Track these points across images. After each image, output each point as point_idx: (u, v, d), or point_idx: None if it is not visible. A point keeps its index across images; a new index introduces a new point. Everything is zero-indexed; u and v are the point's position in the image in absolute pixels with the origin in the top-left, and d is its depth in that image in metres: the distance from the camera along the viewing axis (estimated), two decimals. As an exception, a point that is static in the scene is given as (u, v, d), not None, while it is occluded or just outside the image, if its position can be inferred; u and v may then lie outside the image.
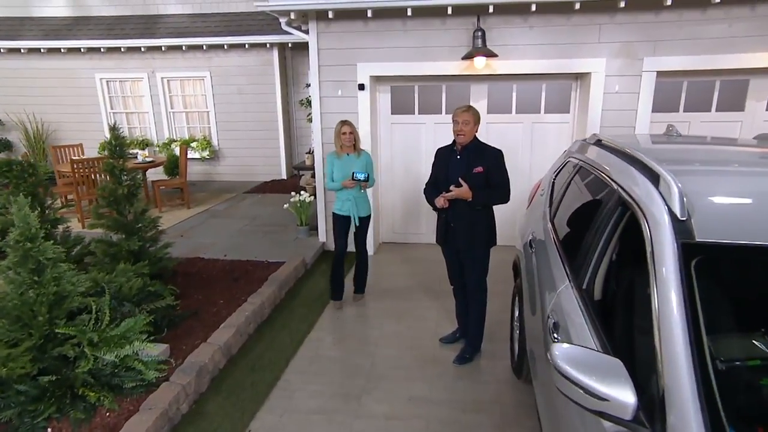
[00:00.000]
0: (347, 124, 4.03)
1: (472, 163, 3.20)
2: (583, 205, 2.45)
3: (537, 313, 2.40)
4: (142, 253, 4.20)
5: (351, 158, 4.10)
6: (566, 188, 2.75)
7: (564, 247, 2.36)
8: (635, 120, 4.97)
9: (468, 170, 3.20)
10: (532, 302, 2.57)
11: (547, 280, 2.34)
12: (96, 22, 9.44)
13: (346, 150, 4.08)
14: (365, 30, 5.21)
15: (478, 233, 3.29)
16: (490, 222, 3.34)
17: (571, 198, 2.65)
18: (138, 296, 3.74)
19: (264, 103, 9.41)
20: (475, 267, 3.36)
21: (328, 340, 3.85)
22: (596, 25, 4.80)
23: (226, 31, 8.92)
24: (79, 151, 8.05)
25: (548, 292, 2.25)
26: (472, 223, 3.27)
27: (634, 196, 1.80)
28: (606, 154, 2.33)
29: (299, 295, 4.66)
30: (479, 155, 3.23)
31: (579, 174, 2.66)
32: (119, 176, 4.08)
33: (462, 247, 3.35)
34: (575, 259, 2.16)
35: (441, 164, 3.46)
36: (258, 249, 5.62)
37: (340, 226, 4.19)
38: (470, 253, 3.34)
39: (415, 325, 4.07)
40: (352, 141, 4.04)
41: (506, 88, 5.57)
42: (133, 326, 3.22)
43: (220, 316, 3.98)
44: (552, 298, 2.15)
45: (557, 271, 2.24)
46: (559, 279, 2.18)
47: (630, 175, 1.92)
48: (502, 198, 3.21)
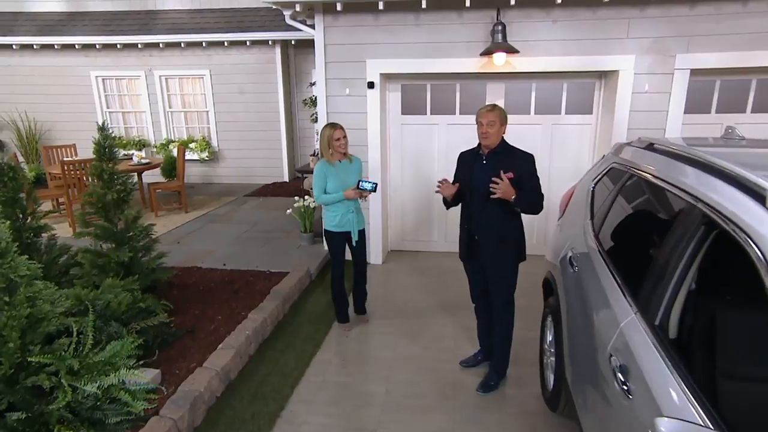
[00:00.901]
0: (339, 128, 3.59)
1: (501, 169, 2.83)
2: (643, 222, 2.10)
3: (588, 346, 2.05)
4: (133, 265, 3.85)
5: (345, 165, 3.69)
6: (614, 199, 2.40)
7: (620, 270, 2.01)
8: (666, 122, 4.62)
9: (495, 175, 2.81)
10: (579, 331, 2.21)
11: (601, 308, 1.99)
12: (91, 18, 9.09)
13: (338, 157, 3.67)
14: (375, 24, 4.86)
15: (507, 247, 2.94)
16: (519, 234, 3.00)
17: (622, 211, 2.30)
18: (127, 314, 3.39)
19: (266, 103, 9.07)
20: (502, 284, 3.01)
21: (336, 363, 3.50)
22: (625, 19, 4.46)
23: (227, 27, 8.58)
24: (72, 152, 7.71)
25: (605, 324, 1.89)
26: (501, 236, 2.93)
27: (728, 214, 1.45)
28: (670, 161, 1.97)
29: (304, 310, 4.31)
30: (508, 159, 2.87)
31: (631, 183, 2.31)
32: (108, 180, 3.73)
33: (488, 262, 3.00)
34: (639, 286, 1.81)
35: (464, 170, 3.11)
36: (259, 257, 5.27)
37: (338, 243, 3.78)
38: (497, 270, 2.99)
39: (431, 345, 3.71)
40: (346, 146, 3.63)
41: (525, 87, 5.23)
42: (119, 350, 2.86)
43: (218, 335, 3.63)
44: (612, 332, 1.80)
45: (615, 300, 1.89)
46: (620, 310, 1.83)
47: (717, 188, 1.57)
48: (539, 205, 2.83)
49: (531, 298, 4.31)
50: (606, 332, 1.85)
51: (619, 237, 2.19)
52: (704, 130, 4.88)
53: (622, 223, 2.25)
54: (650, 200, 2.07)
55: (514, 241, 2.96)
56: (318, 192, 3.66)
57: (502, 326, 3.09)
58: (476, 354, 3.43)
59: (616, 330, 1.78)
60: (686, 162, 1.87)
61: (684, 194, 1.74)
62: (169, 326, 3.61)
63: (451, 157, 5.51)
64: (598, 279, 2.11)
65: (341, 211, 3.67)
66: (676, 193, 1.80)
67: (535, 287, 3.52)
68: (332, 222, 3.71)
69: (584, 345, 2.14)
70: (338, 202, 3.63)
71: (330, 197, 3.63)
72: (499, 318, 3.08)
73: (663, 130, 4.63)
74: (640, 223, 2.12)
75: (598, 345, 1.91)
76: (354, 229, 3.70)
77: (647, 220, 2.07)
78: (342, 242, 3.78)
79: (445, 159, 5.51)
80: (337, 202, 3.64)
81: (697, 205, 1.63)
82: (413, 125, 5.50)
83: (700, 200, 1.62)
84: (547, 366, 2.96)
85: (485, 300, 3.19)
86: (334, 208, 3.68)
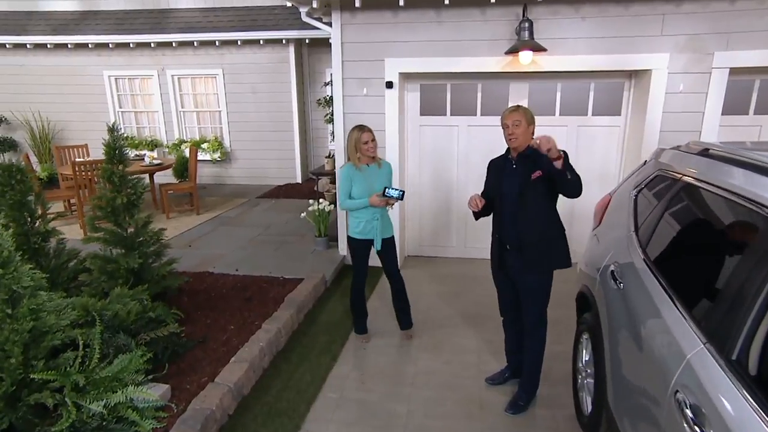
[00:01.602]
0: (367, 131, 3.39)
1: (531, 171, 2.65)
2: (706, 238, 1.88)
3: (641, 374, 1.84)
4: (143, 271, 3.71)
5: (373, 170, 3.49)
6: (664, 210, 2.18)
7: (679, 292, 1.79)
8: (701, 124, 4.37)
9: (526, 180, 2.65)
10: (627, 355, 2.01)
11: (658, 334, 1.78)
12: (104, 17, 9.02)
13: (366, 161, 3.48)
14: (395, 21, 4.67)
15: (541, 256, 2.71)
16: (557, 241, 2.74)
17: (677, 225, 2.08)
18: (136, 323, 3.24)
19: (279, 103, 8.93)
20: (535, 297, 2.79)
21: (354, 378, 3.31)
22: (659, 15, 4.22)
23: (240, 26, 8.45)
24: (84, 152, 7.63)
25: (666, 353, 1.68)
26: (534, 244, 2.70)
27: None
28: (742, 171, 1.75)
29: (319, 320, 4.13)
30: (537, 160, 2.61)
31: (685, 193, 2.09)
32: (118, 183, 3.59)
33: (518, 272, 2.79)
34: (708, 313, 1.60)
35: (494, 177, 2.91)
36: (272, 262, 5.10)
37: (361, 252, 3.58)
38: (528, 281, 2.78)
39: (454, 359, 3.51)
40: (375, 150, 3.43)
41: (549, 87, 5.00)
42: (128, 365, 2.71)
43: (230, 346, 3.47)
44: (677, 364, 1.59)
45: (677, 327, 1.68)
46: (684, 339, 1.62)
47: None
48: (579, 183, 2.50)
49: (558, 310, 4.09)
50: (668, 363, 1.64)
51: (676, 253, 1.98)
52: (741, 133, 4.63)
53: (677, 238, 2.03)
54: (714, 214, 1.86)
55: (550, 249, 2.74)
56: (343, 196, 3.49)
57: (533, 342, 2.88)
58: (503, 371, 3.23)
59: (681, 362, 1.57)
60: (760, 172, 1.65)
61: (762, 209, 1.52)
62: (179, 336, 3.46)
63: (472, 159, 5.36)
64: (652, 300, 1.90)
65: (366, 218, 3.47)
66: (747, 206, 1.58)
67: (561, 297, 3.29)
68: (356, 228, 3.53)
69: (636, 371, 1.93)
70: (363, 208, 3.44)
71: (354, 203, 3.45)
72: (530, 334, 2.87)
73: (698, 132, 4.38)
74: (702, 240, 1.90)
75: (657, 375, 1.70)
76: (378, 237, 3.50)
77: (713, 236, 1.85)
78: (365, 250, 3.58)
79: (465, 161, 5.31)
80: (362, 209, 3.45)
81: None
82: (432, 126, 5.30)
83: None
84: (583, 387, 2.75)
85: (515, 314, 2.98)
86: (359, 214, 3.49)
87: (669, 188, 2.24)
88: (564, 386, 3.13)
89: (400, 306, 3.79)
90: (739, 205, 1.66)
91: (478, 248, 5.43)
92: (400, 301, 3.77)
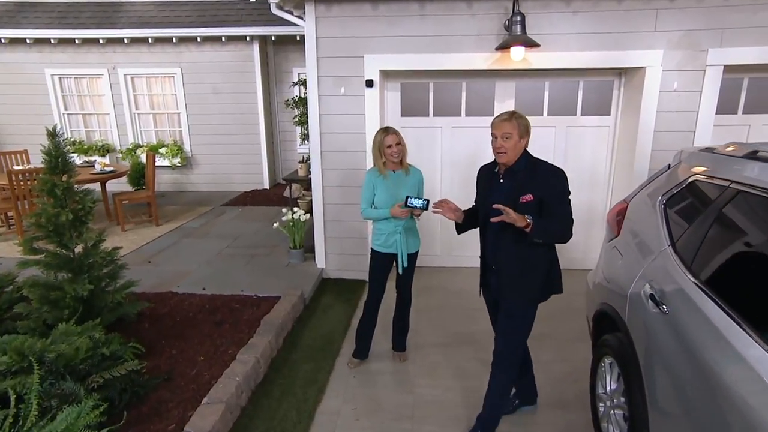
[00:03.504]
0: (392, 133, 3.03)
1: (519, 190, 2.32)
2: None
3: (713, 415, 1.55)
4: (94, 298, 3.19)
5: (399, 177, 3.12)
6: (712, 223, 1.91)
7: (757, 324, 1.51)
8: (695, 123, 4.23)
9: (513, 199, 2.30)
10: (688, 391, 1.71)
11: (735, 372, 1.49)
12: (44, 9, 8.21)
13: (392, 167, 3.13)
14: (374, 14, 4.31)
15: (526, 284, 2.39)
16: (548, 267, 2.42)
17: (738, 240, 1.81)
18: (86, 362, 2.73)
19: (243, 104, 8.39)
20: (511, 326, 2.45)
21: (346, 413, 2.91)
22: (653, 10, 4.04)
23: (200, 21, 7.86)
24: (23, 159, 6.86)
25: (755, 398, 1.39)
26: (520, 270, 2.39)
27: None
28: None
29: (301, 344, 3.71)
30: (530, 178, 2.33)
31: (741, 203, 1.82)
32: (62, 197, 3.05)
33: (499, 297, 2.48)
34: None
35: (481, 190, 2.60)
36: (244, 279, 4.63)
37: (381, 266, 3.22)
38: (508, 309, 2.45)
39: (455, 385, 3.17)
40: (399, 155, 3.06)
41: (537, 86, 4.77)
42: (75, 421, 2.21)
43: (201, 382, 3.00)
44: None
45: (763, 366, 1.39)
46: None
47: None
48: (565, 234, 2.29)
49: (554, 323, 3.86)
50: (755, 405, 1.35)
51: (740, 274, 1.70)
52: (731, 132, 4.53)
53: (740, 255, 1.75)
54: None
55: (542, 277, 2.40)
56: (364, 204, 3.16)
57: (496, 376, 2.52)
58: (511, 398, 2.91)
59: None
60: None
61: None
62: (140, 374, 2.96)
63: (457, 162, 5.05)
64: (721, 334, 1.60)
65: (387, 230, 3.12)
66: None
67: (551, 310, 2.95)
68: (377, 241, 3.18)
69: (702, 411, 1.64)
70: (384, 219, 3.10)
71: (375, 213, 3.12)
72: (497, 363, 2.51)
73: (692, 132, 4.24)
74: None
75: (740, 420, 1.41)
76: (402, 252, 3.13)
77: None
78: (386, 265, 3.22)
79: (450, 164, 5.01)
80: (383, 219, 3.11)
81: None
82: (414, 128, 4.95)
83: None
84: (608, 418, 2.46)
85: None
86: (380, 225, 3.15)
87: (714, 197, 1.97)
88: (581, 413, 2.84)
89: (400, 326, 3.45)
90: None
91: (465, 257, 5.14)
92: (401, 320, 3.43)
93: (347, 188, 4.68)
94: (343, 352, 3.58)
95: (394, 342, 3.52)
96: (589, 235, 5.01)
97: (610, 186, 4.89)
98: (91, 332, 2.71)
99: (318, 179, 4.71)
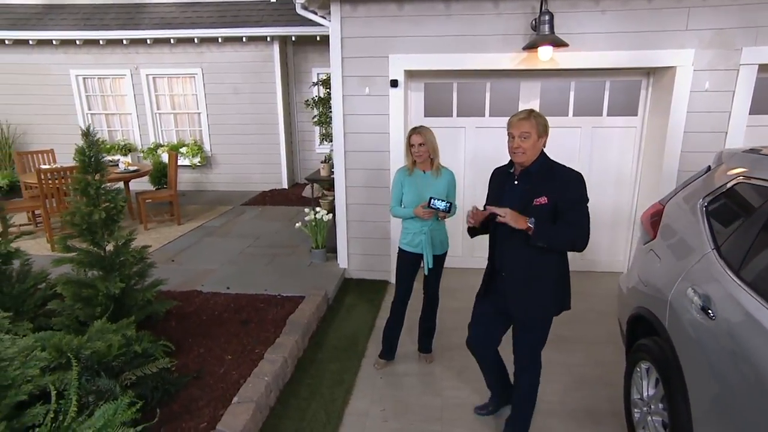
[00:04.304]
0: (417, 133, 3.02)
1: (534, 192, 2.23)
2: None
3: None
4: (125, 296, 3.22)
5: (427, 177, 3.11)
6: (761, 228, 1.86)
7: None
8: (727, 124, 4.14)
9: (526, 201, 2.23)
10: (743, 402, 1.67)
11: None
12: (70, 11, 8.35)
13: (423, 167, 3.12)
14: (399, 14, 4.30)
15: (541, 290, 2.32)
16: (559, 277, 2.34)
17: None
18: (119, 360, 2.76)
19: (263, 104, 8.44)
20: (529, 335, 2.43)
21: (375, 415, 2.90)
22: (684, 8, 3.97)
23: (221, 22, 7.92)
24: (49, 158, 6.98)
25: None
26: (532, 276, 2.31)
27: None
28: None
29: (326, 344, 3.71)
30: (546, 180, 2.24)
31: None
32: (94, 196, 3.09)
33: (514, 307, 2.39)
34: None
35: (494, 193, 2.48)
36: (267, 279, 4.64)
37: (407, 265, 3.22)
38: (527, 318, 2.40)
39: (482, 388, 3.10)
40: (425, 155, 3.05)
41: (563, 86, 4.71)
42: (112, 417, 2.24)
43: (229, 381, 3.02)
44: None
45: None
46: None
47: None
48: (575, 242, 2.20)
49: (581, 326, 3.80)
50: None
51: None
52: (766, 133, 4.43)
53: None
54: None
55: (551, 285, 2.32)
56: (392, 202, 3.21)
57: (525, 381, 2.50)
58: (488, 402, 2.91)
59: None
60: None
61: None
62: (170, 372, 2.98)
63: (480, 163, 5.00)
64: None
65: (413, 230, 3.13)
66: None
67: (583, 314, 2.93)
68: (404, 239, 3.20)
69: (754, 418, 1.60)
70: (410, 218, 3.12)
71: (402, 211, 3.15)
72: (522, 371, 2.49)
73: (724, 133, 4.15)
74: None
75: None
76: (427, 254, 3.12)
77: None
78: (411, 265, 3.22)
79: (472, 166, 4.97)
80: (410, 219, 3.13)
81: None
82: (437, 128, 4.80)
83: None
84: (644, 424, 2.41)
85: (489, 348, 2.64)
86: (407, 224, 3.18)
87: (763, 199, 1.92)
88: (613, 419, 2.80)
89: (426, 327, 3.44)
90: None
91: (486, 258, 5.10)
92: (428, 321, 3.42)
93: (371, 188, 4.68)
94: (369, 353, 3.57)
95: (420, 343, 3.51)
96: (613, 236, 4.94)
97: (636, 187, 4.82)
98: (125, 330, 2.74)
99: (341, 179, 4.71)
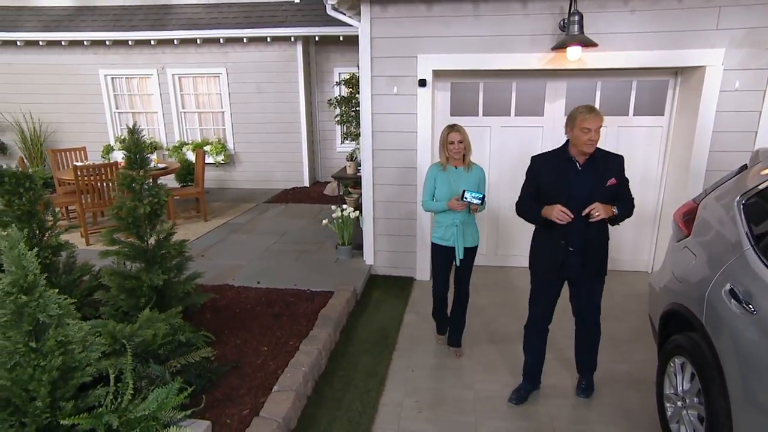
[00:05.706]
0: (456, 131, 3.19)
1: (604, 175, 2.64)
2: None
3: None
4: (166, 288, 3.35)
5: (459, 173, 3.26)
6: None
7: None
8: (758, 124, 4.13)
9: (599, 184, 2.63)
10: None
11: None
12: (101, 13, 8.57)
13: (455, 163, 3.26)
14: (428, 15, 4.37)
15: (604, 258, 2.80)
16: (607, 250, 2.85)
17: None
18: (165, 348, 2.88)
19: (285, 103, 8.57)
20: (599, 287, 2.87)
21: (409, 406, 2.98)
22: (715, 7, 3.97)
23: (246, 22, 8.07)
24: (81, 156, 7.18)
25: None
26: (601, 249, 2.76)
27: None
28: None
29: (356, 337, 3.80)
30: (608, 164, 2.68)
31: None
32: (139, 191, 3.22)
33: (586, 278, 2.78)
34: None
35: (554, 177, 2.70)
36: (295, 274, 4.75)
37: (441, 259, 3.36)
38: (594, 285, 2.84)
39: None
40: (462, 152, 3.20)
41: (588, 86, 4.74)
42: (165, 400, 2.36)
43: (267, 370, 3.13)
44: None
45: None
46: None
47: None
48: (631, 212, 2.74)
49: (608, 324, 3.82)
50: None
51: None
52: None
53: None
54: None
55: (606, 255, 2.82)
56: (425, 197, 3.37)
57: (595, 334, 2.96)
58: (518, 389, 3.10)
59: None
60: None
61: None
62: (211, 361, 3.10)
63: (505, 161, 5.06)
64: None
65: (445, 223, 3.28)
66: None
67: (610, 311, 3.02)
68: (436, 233, 3.35)
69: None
70: (443, 211, 3.26)
71: (435, 205, 3.31)
72: (593, 328, 2.93)
73: (754, 133, 4.15)
74: None
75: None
76: (458, 246, 3.25)
77: None
78: (445, 258, 3.36)
79: (498, 164, 5.02)
80: (442, 212, 3.27)
81: None
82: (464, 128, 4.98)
83: None
84: (679, 418, 2.46)
85: (546, 332, 3.00)
86: (439, 218, 3.31)
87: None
88: (644, 413, 2.84)
89: (456, 320, 3.52)
90: None
91: (510, 256, 5.17)
92: (458, 315, 3.51)
93: (398, 186, 4.76)
94: (399, 347, 3.65)
95: (450, 337, 3.58)
96: (638, 235, 4.96)
97: (662, 187, 4.82)
98: (173, 319, 2.86)
99: (369, 177, 4.80)
